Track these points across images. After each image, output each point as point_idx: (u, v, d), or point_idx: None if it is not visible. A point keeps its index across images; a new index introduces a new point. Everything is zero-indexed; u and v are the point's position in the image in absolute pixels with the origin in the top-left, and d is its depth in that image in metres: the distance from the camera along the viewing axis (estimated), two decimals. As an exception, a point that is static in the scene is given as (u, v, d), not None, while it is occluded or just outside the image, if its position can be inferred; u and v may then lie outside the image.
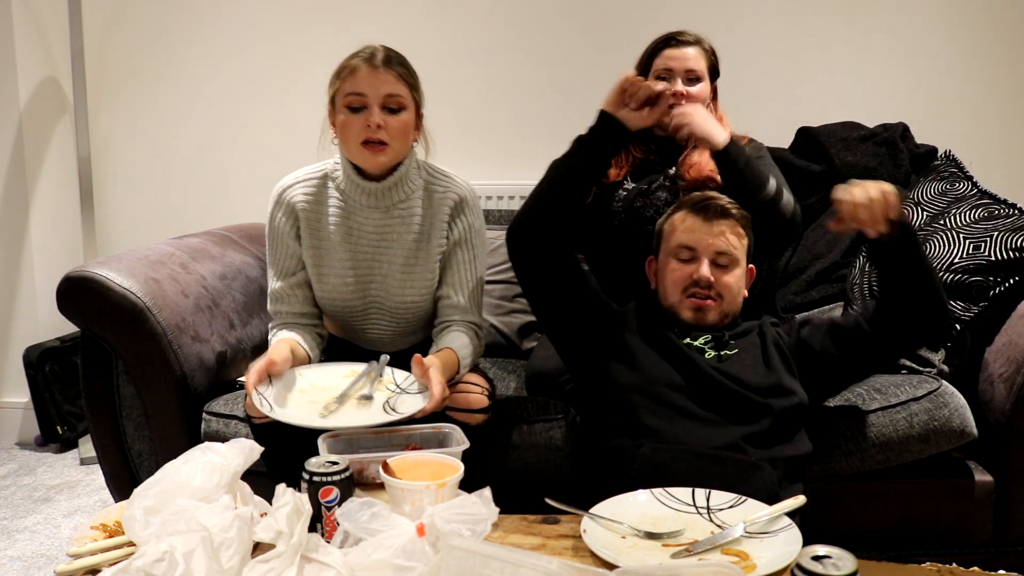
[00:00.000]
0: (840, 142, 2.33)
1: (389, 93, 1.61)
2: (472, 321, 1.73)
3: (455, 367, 1.60)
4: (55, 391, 2.80)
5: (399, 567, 1.07)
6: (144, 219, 2.85)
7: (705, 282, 1.58)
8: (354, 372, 1.62)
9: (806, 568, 0.90)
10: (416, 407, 1.49)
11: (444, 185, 1.73)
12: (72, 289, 1.80)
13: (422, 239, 1.72)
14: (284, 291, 1.74)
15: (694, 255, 1.60)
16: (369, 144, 1.61)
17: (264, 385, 1.51)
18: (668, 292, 1.63)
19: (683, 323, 1.60)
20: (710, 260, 1.59)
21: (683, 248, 1.61)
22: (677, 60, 1.95)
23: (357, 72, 1.60)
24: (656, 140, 2.04)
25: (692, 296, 1.59)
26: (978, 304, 1.86)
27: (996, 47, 2.51)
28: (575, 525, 1.24)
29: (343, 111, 1.62)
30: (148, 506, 1.15)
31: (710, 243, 1.60)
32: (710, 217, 1.61)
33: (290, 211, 1.72)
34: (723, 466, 1.37)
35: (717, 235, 1.60)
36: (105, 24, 2.78)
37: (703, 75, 1.96)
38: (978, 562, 1.42)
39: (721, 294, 1.59)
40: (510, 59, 2.65)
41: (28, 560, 2.12)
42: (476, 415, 1.61)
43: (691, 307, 1.60)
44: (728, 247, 1.60)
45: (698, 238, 1.60)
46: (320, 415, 1.48)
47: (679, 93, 1.94)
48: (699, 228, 1.61)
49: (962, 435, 1.71)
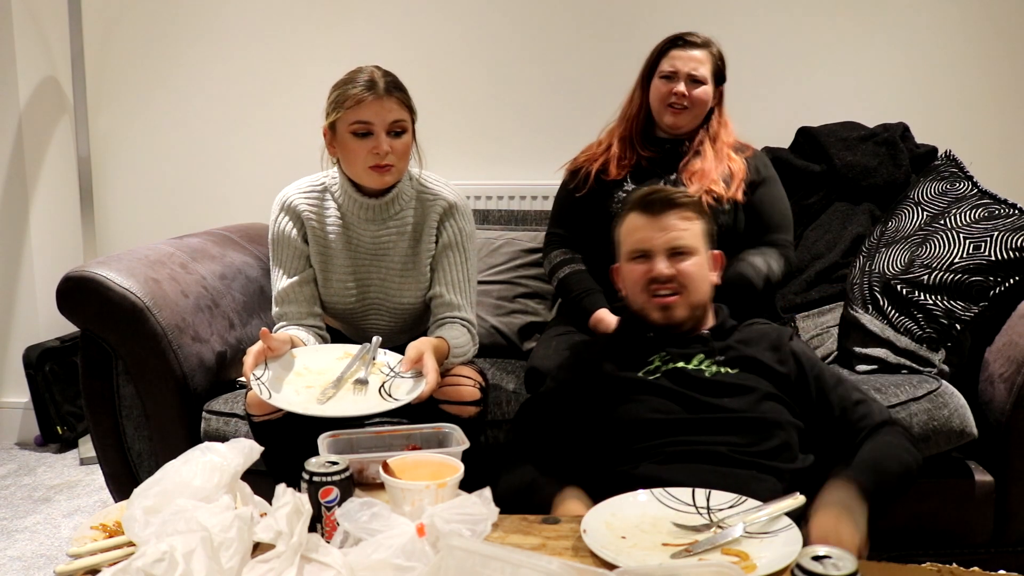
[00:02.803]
0: (840, 142, 2.34)
1: (394, 120, 1.67)
2: (465, 318, 1.76)
3: (445, 352, 1.63)
4: (55, 391, 2.80)
5: (399, 567, 1.07)
6: (144, 219, 2.85)
7: (663, 278, 1.52)
8: (347, 354, 1.63)
9: (806, 568, 0.90)
10: (412, 392, 1.51)
11: (434, 193, 1.79)
12: (72, 289, 1.80)
13: (415, 245, 1.79)
14: (291, 289, 1.77)
15: (648, 253, 1.54)
16: (377, 168, 1.68)
17: (260, 369, 1.53)
18: (632, 295, 1.58)
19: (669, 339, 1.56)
20: (666, 255, 1.54)
21: (636, 250, 1.56)
22: (682, 61, 1.96)
23: (363, 103, 1.65)
24: (658, 142, 2.04)
25: (655, 296, 1.54)
26: (978, 304, 1.86)
27: (996, 47, 2.51)
28: (575, 525, 1.24)
29: (348, 137, 1.67)
30: (148, 506, 1.15)
31: (660, 239, 1.53)
32: (656, 212, 1.55)
33: (295, 217, 1.78)
34: (724, 478, 1.35)
35: (666, 229, 1.53)
36: (105, 24, 2.78)
37: (707, 79, 1.97)
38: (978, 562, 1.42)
39: (685, 284, 1.53)
40: (512, 60, 2.65)
41: (28, 560, 2.12)
42: (468, 407, 1.62)
43: (657, 307, 1.54)
44: (679, 239, 1.54)
45: (647, 236, 1.54)
46: (318, 400, 1.50)
47: (679, 93, 1.95)
48: (647, 226, 1.55)
49: (962, 435, 1.71)
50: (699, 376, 1.50)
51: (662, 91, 1.98)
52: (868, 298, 1.99)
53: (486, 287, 2.31)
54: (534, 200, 2.57)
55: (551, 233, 2.15)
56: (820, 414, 1.50)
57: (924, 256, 1.93)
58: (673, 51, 1.98)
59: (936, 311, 1.88)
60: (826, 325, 2.14)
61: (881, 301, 1.96)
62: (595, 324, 1.92)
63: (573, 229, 2.10)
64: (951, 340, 1.87)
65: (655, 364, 1.53)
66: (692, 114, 1.98)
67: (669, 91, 1.97)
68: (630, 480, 1.37)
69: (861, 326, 1.97)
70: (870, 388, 1.75)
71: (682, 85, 1.95)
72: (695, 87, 1.96)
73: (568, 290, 2.03)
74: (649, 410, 1.48)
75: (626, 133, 2.05)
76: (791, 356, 1.53)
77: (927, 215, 2.03)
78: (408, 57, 2.64)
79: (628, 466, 1.42)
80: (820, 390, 1.51)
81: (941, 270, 1.88)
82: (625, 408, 1.49)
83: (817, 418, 1.50)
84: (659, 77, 1.99)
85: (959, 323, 1.86)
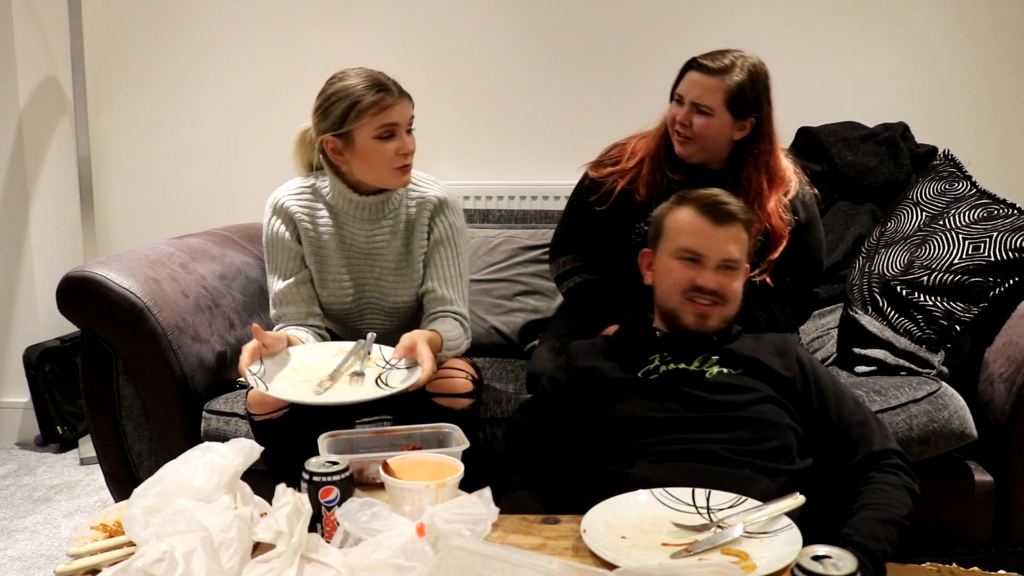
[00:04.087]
0: (840, 142, 2.34)
1: (411, 117, 1.71)
2: (457, 312, 1.77)
3: (438, 344, 1.63)
4: (55, 391, 2.80)
5: (399, 567, 1.07)
6: (144, 219, 2.85)
7: (708, 289, 1.51)
8: (343, 351, 1.64)
9: (806, 568, 0.90)
10: (408, 379, 1.52)
11: (424, 190, 1.80)
12: (72, 289, 1.80)
13: (407, 243, 1.79)
14: (288, 291, 1.77)
15: (699, 260, 1.52)
16: (403, 167, 1.71)
17: (256, 365, 1.53)
18: (667, 293, 1.56)
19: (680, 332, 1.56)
20: (716, 266, 1.52)
21: (688, 251, 1.53)
22: (689, 86, 1.78)
23: (389, 107, 1.66)
24: (689, 168, 1.86)
25: (694, 301, 1.52)
26: (978, 305, 1.85)
27: (996, 47, 2.51)
28: (575, 525, 1.24)
29: (372, 143, 1.67)
30: (148, 506, 1.15)
31: (718, 249, 1.52)
32: (720, 221, 1.52)
33: (288, 219, 1.78)
34: (718, 478, 1.35)
35: (726, 241, 1.52)
36: (105, 24, 2.77)
37: (714, 110, 1.75)
38: (978, 562, 1.43)
39: (726, 298, 1.53)
40: (512, 60, 2.64)
41: (28, 560, 2.11)
42: (461, 399, 1.62)
43: (694, 312, 1.53)
44: (732, 255, 1.53)
45: (706, 244, 1.52)
46: (315, 392, 1.50)
47: (680, 119, 1.79)
48: (707, 233, 1.52)
49: (962, 437, 1.71)
50: (699, 376, 1.50)
51: (671, 115, 1.83)
52: (868, 299, 1.99)
53: (485, 286, 2.31)
54: (534, 200, 2.57)
55: (560, 236, 2.06)
56: (820, 425, 1.49)
57: (924, 257, 1.93)
58: (688, 73, 1.79)
59: (936, 312, 1.87)
60: (827, 326, 2.14)
61: (881, 302, 1.96)
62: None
63: (586, 237, 1.99)
64: (951, 341, 1.86)
65: (655, 364, 1.53)
66: (697, 146, 1.80)
67: (674, 116, 1.81)
68: (624, 479, 1.37)
69: (861, 327, 1.97)
70: (869, 390, 1.75)
71: (685, 112, 1.78)
72: (698, 117, 1.76)
73: (579, 301, 1.98)
74: (645, 409, 1.47)
75: (655, 152, 1.88)
76: (797, 363, 1.53)
77: (926, 215, 2.03)
78: (408, 57, 2.64)
79: (622, 465, 1.42)
80: (822, 401, 1.50)
81: (941, 271, 1.88)
82: (621, 407, 1.49)
83: (816, 428, 1.49)
84: (674, 100, 1.83)
85: (959, 324, 1.86)
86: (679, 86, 1.81)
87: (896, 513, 1.33)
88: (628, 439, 1.45)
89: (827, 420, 1.49)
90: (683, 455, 1.41)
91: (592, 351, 1.62)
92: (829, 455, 1.48)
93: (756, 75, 1.78)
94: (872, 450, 1.43)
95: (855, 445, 1.45)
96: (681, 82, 1.81)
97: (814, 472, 1.46)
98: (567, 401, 1.57)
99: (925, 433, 1.69)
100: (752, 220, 1.60)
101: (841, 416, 1.48)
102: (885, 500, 1.34)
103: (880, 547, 1.27)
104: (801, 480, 1.41)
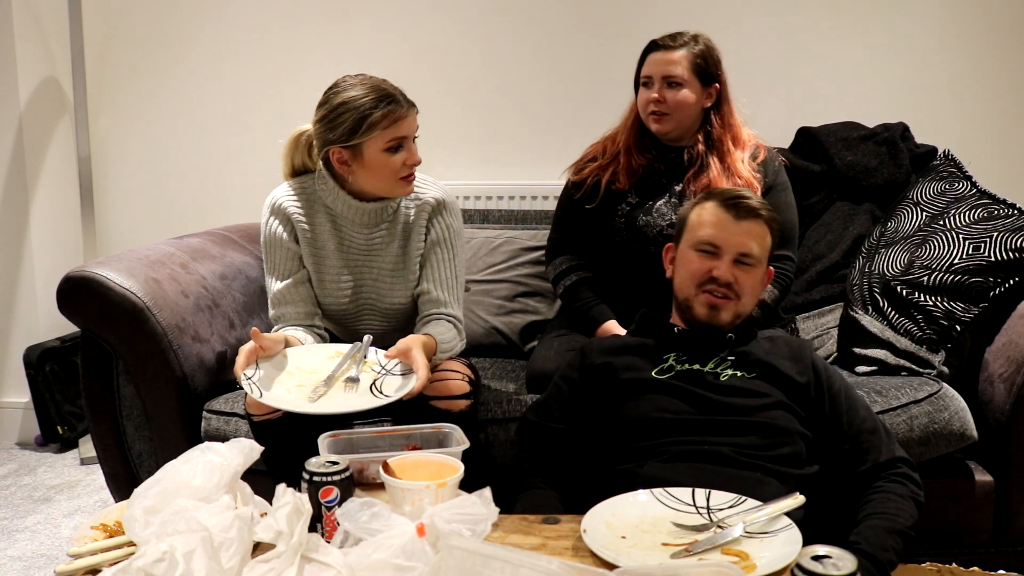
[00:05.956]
0: (840, 142, 2.34)
1: (416, 126, 1.71)
2: (451, 314, 1.76)
3: (432, 349, 1.63)
4: (55, 391, 2.80)
5: (399, 567, 1.07)
6: (144, 219, 2.85)
7: (722, 281, 1.52)
8: (339, 353, 1.64)
9: (806, 568, 0.90)
10: (403, 388, 1.52)
11: (422, 191, 1.80)
12: (72, 289, 1.80)
13: (405, 244, 1.79)
14: (286, 291, 1.77)
15: (717, 252, 1.54)
16: (408, 177, 1.72)
17: (251, 369, 1.53)
18: (684, 283, 1.58)
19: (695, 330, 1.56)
20: (732, 259, 1.53)
21: (707, 243, 1.55)
22: (656, 65, 1.92)
23: (401, 120, 1.66)
24: (662, 148, 1.99)
25: (708, 292, 1.53)
26: (978, 305, 1.85)
27: (995, 48, 2.51)
28: (575, 525, 1.24)
29: (381, 155, 1.67)
30: (148, 506, 1.15)
31: (736, 242, 1.53)
32: (740, 216, 1.54)
33: (286, 220, 1.78)
34: (728, 480, 1.35)
35: (744, 235, 1.53)
36: (105, 24, 2.78)
37: (686, 79, 1.90)
38: (978, 562, 1.43)
39: (740, 293, 1.54)
40: (512, 60, 2.65)
41: (28, 560, 2.12)
42: (458, 401, 1.62)
43: (706, 303, 1.53)
44: (750, 248, 1.54)
45: (724, 236, 1.53)
46: (309, 399, 1.50)
47: (654, 99, 1.91)
48: (726, 225, 1.54)
49: (962, 438, 1.71)
50: (713, 378, 1.50)
51: (643, 99, 1.95)
52: (868, 299, 1.99)
53: (486, 287, 2.31)
54: (534, 200, 2.57)
55: (554, 239, 2.11)
56: (830, 431, 1.50)
57: (924, 257, 1.93)
58: (649, 55, 1.94)
59: (936, 312, 1.87)
60: (827, 326, 2.14)
61: (881, 302, 1.96)
62: (602, 336, 1.90)
63: (578, 237, 2.06)
64: (951, 341, 1.86)
65: (669, 363, 1.54)
66: (675, 120, 1.93)
67: (648, 98, 1.93)
68: (633, 479, 1.38)
69: (861, 327, 1.97)
70: (870, 391, 1.75)
71: (657, 90, 1.91)
72: (672, 91, 1.90)
73: (575, 299, 2.00)
74: (657, 409, 1.48)
75: (628, 143, 2.00)
76: (812, 369, 1.54)
77: (926, 215, 2.03)
78: (408, 57, 2.64)
79: (632, 464, 1.42)
80: (834, 408, 1.50)
81: (941, 271, 1.88)
82: (633, 406, 1.49)
83: (826, 433, 1.50)
84: (641, 84, 1.96)
85: (959, 324, 1.86)
86: (644, 69, 1.95)
87: (903, 524, 1.34)
88: (639, 439, 1.46)
89: (838, 427, 1.49)
90: (694, 456, 1.41)
91: (607, 348, 1.62)
92: (837, 461, 1.48)
93: (710, 45, 1.96)
94: (881, 459, 1.44)
95: (864, 453, 1.46)
96: (645, 65, 1.95)
97: (819, 478, 1.47)
98: (581, 399, 1.57)
99: (926, 434, 1.69)
100: (775, 219, 1.60)
101: (852, 423, 1.49)
102: (893, 510, 1.36)
103: (887, 556, 1.28)
104: (807, 486, 1.41)
